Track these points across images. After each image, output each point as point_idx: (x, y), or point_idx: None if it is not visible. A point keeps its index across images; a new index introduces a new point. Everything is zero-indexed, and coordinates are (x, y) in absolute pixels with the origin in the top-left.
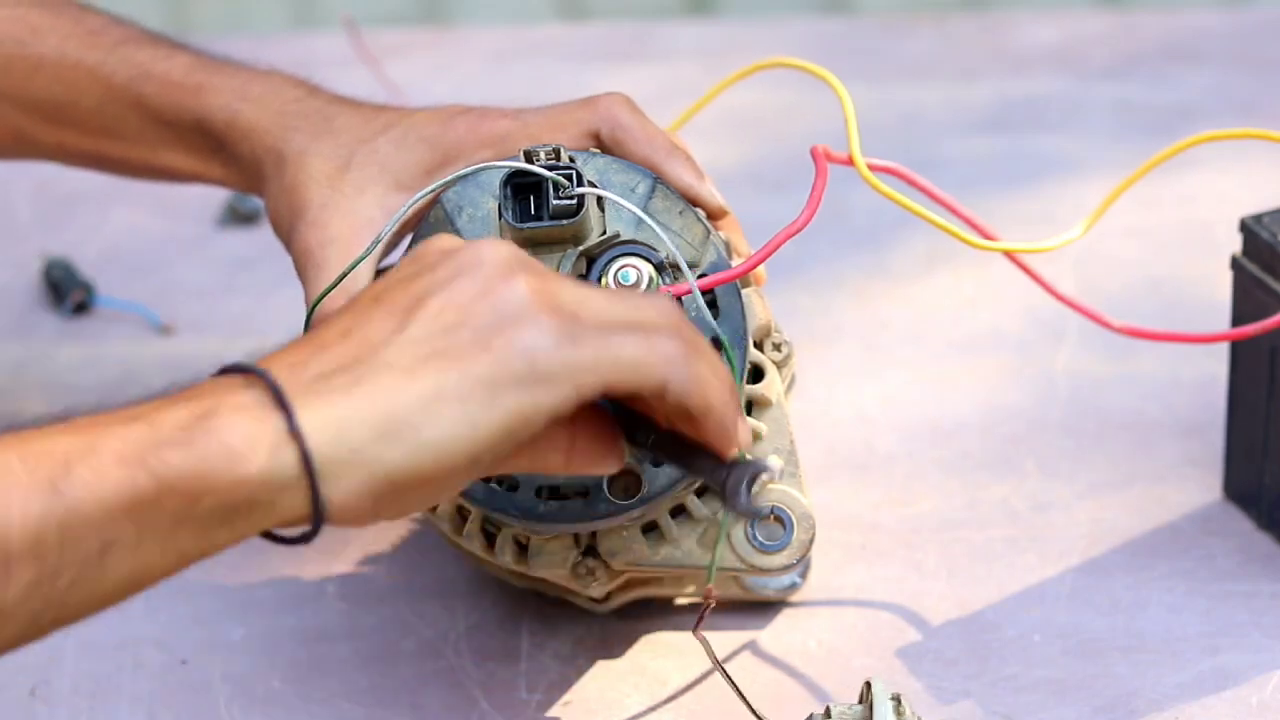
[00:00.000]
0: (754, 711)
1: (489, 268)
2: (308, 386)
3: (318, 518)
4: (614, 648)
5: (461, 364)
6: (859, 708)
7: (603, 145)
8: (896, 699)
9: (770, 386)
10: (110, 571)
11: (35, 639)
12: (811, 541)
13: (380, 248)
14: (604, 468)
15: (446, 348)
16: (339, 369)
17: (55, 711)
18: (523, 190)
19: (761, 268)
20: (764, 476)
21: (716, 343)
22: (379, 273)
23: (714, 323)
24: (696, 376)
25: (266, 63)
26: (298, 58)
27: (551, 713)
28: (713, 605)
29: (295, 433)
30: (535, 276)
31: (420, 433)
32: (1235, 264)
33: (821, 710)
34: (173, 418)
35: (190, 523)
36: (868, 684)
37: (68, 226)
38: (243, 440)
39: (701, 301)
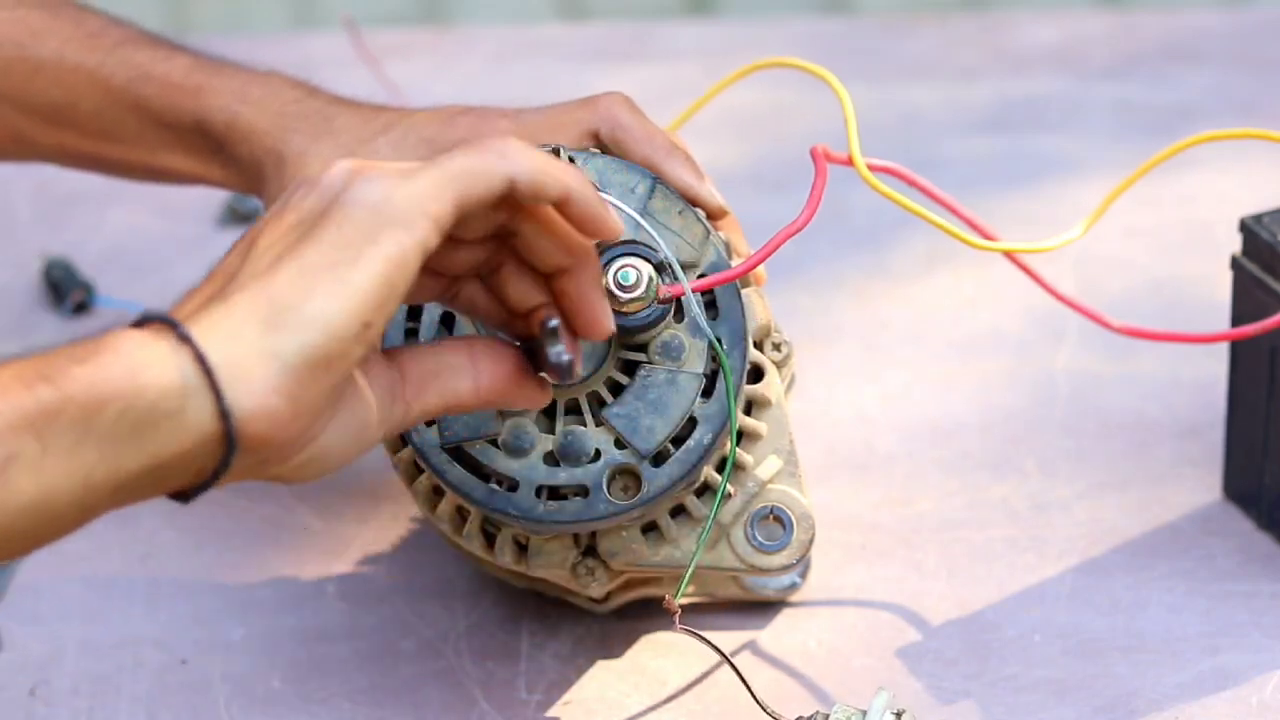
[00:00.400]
0: (760, 704)
1: (312, 176)
2: (188, 316)
3: (228, 425)
4: (614, 648)
5: (311, 241)
6: (856, 714)
7: (602, 145)
8: (898, 715)
9: (770, 386)
10: (13, 491)
11: None
12: (811, 541)
13: None
14: (519, 401)
15: (294, 239)
16: (210, 299)
17: (55, 711)
18: None
19: (761, 268)
20: (550, 324)
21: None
22: None
23: (708, 326)
24: (541, 163)
25: (266, 63)
26: (297, 58)
27: (551, 713)
28: (679, 614)
29: (185, 338)
30: (354, 161)
31: (302, 310)
32: (1235, 264)
33: (820, 711)
34: (68, 349)
35: (94, 437)
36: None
37: (68, 226)
38: (139, 353)
39: (698, 301)
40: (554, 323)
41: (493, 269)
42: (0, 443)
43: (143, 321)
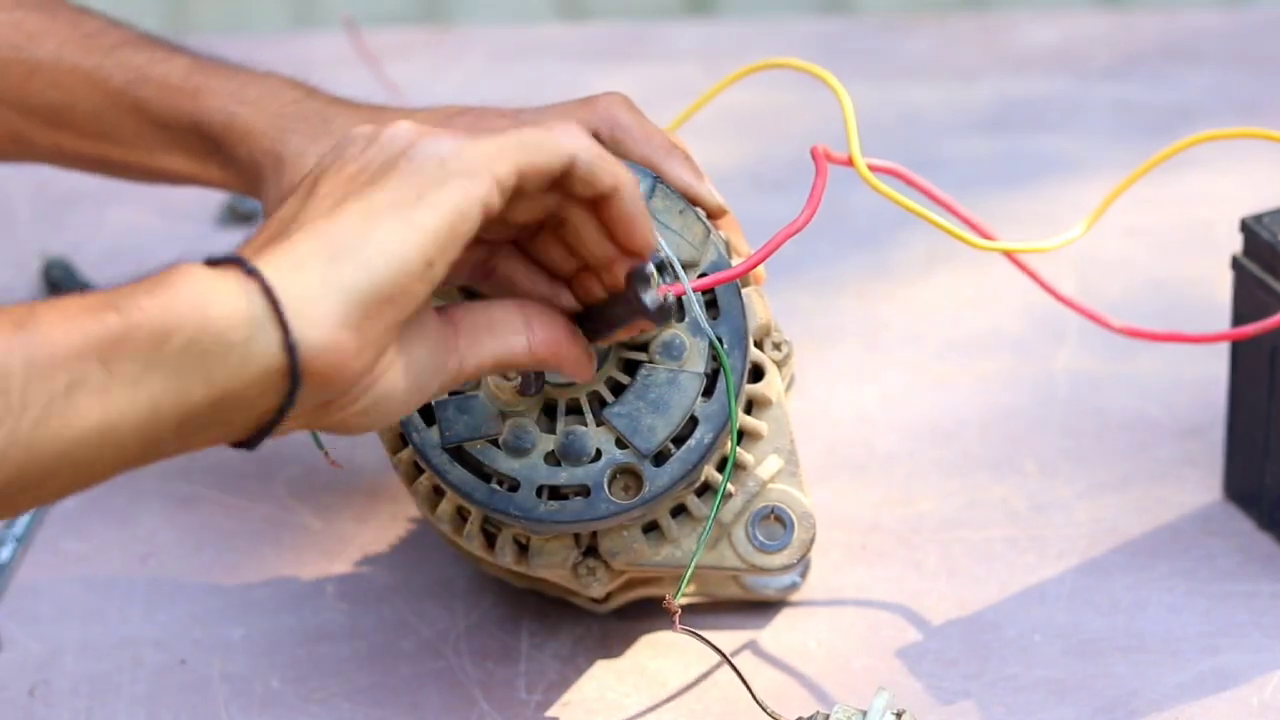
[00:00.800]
0: (760, 704)
1: (369, 129)
2: (251, 255)
3: (294, 358)
4: (614, 648)
5: (376, 185)
6: (856, 714)
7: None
8: (898, 715)
9: (770, 386)
10: (78, 414)
11: (3, 495)
12: (812, 541)
13: None
14: (569, 363)
15: (358, 186)
16: (272, 238)
17: (55, 711)
18: None
19: (761, 267)
20: (648, 269)
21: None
22: None
23: (708, 325)
24: (602, 154)
25: (266, 63)
26: (297, 58)
27: (551, 713)
28: (679, 614)
29: (253, 273)
30: (416, 124)
31: (366, 245)
32: (1235, 264)
33: (820, 711)
34: (132, 284)
35: (160, 366)
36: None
37: (67, 226)
38: (206, 285)
39: (698, 300)
40: (650, 267)
41: (531, 235)
42: (65, 367)
43: (207, 264)
